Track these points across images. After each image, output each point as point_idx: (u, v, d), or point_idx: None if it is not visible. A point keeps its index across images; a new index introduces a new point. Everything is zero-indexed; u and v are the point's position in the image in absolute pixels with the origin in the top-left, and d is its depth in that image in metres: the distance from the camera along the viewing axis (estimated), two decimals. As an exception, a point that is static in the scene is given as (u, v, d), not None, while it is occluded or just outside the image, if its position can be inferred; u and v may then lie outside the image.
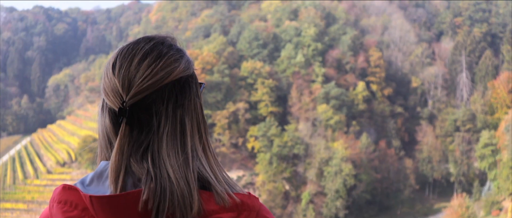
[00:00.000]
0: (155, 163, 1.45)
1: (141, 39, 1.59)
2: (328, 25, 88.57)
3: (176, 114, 1.51)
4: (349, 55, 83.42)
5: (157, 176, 1.42)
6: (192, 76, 1.59)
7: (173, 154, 1.47)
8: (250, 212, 1.48)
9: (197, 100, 1.58)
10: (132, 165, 1.47)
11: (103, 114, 1.58)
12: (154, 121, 1.49)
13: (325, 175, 68.66)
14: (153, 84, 1.48)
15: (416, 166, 76.40)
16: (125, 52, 1.55)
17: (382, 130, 79.71)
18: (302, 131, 73.76)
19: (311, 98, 77.86)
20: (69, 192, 1.47)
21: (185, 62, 1.57)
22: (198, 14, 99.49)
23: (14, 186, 77.11)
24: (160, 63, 1.50)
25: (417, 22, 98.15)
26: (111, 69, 1.54)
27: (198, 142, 1.55)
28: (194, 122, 1.55)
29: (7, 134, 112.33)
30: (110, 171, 1.46)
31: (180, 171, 1.44)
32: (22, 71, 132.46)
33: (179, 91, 1.53)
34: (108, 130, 1.56)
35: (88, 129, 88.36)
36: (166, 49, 1.55)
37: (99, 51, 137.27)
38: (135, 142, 1.49)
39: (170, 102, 1.51)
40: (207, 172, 1.51)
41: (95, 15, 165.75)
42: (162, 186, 1.41)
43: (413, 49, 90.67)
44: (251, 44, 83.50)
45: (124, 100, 1.48)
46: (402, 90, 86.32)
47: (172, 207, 1.40)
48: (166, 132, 1.49)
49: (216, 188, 1.47)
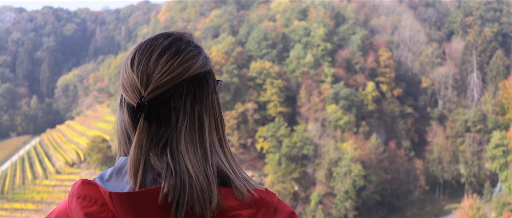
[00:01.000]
0: (174, 157, 1.46)
1: (160, 35, 1.60)
2: (338, 25, 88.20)
3: (194, 110, 1.52)
4: (358, 55, 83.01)
5: (176, 169, 1.43)
6: (210, 72, 1.60)
7: (192, 149, 1.48)
8: (268, 208, 1.48)
9: (214, 96, 1.59)
10: (151, 160, 1.47)
11: (121, 109, 1.59)
12: (172, 116, 1.50)
13: (334, 176, 68.41)
14: (171, 80, 1.49)
15: (426, 166, 75.92)
16: (144, 48, 1.55)
17: (392, 131, 79.30)
18: (311, 132, 73.47)
19: (320, 99, 77.55)
20: (88, 187, 1.47)
21: (203, 58, 1.57)
22: (207, 14, 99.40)
23: (24, 186, 77.29)
24: (178, 59, 1.51)
25: (427, 21, 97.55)
26: (130, 65, 1.54)
27: (215, 137, 1.56)
28: (212, 117, 1.56)
29: (17, 134, 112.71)
30: (129, 166, 1.47)
31: (199, 166, 1.45)
32: (32, 72, 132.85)
33: (197, 87, 1.53)
34: (126, 125, 1.57)
35: (97, 129, 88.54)
36: (184, 45, 1.56)
37: (108, 51, 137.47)
38: (154, 137, 1.49)
39: (188, 98, 1.51)
40: (226, 167, 1.51)
41: (104, 15, 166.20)
42: (182, 179, 1.41)
43: (423, 49, 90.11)
44: (260, 44, 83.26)
45: (142, 96, 1.49)
46: (412, 90, 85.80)
47: (191, 200, 1.40)
48: (184, 127, 1.49)
49: (235, 183, 1.47)
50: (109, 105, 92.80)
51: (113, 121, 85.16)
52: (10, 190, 76.47)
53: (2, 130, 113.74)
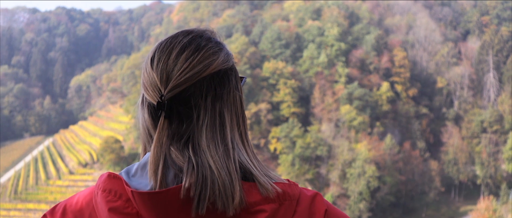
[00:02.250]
0: (196, 153, 1.46)
1: (180, 32, 1.59)
2: (352, 25, 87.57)
3: (215, 107, 1.51)
4: (373, 55, 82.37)
5: (198, 164, 1.43)
6: (232, 69, 1.59)
7: (213, 145, 1.47)
8: (291, 201, 1.47)
9: (236, 93, 1.58)
10: (172, 154, 1.47)
11: (142, 108, 1.59)
12: (193, 114, 1.50)
13: (348, 177, 67.86)
14: (191, 77, 1.48)
15: (441, 168, 75.06)
16: (164, 46, 1.55)
17: (407, 131, 78.60)
18: (325, 132, 72.94)
19: (334, 99, 77.00)
20: (114, 180, 1.49)
21: (224, 55, 1.56)
22: (220, 14, 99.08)
23: (37, 187, 77.29)
24: (198, 56, 1.50)
25: (442, 21, 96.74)
26: (150, 63, 1.54)
27: (237, 133, 1.55)
28: (233, 114, 1.55)
29: (30, 135, 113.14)
30: (150, 163, 1.47)
31: (221, 162, 1.44)
32: (45, 72, 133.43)
33: (218, 84, 1.52)
34: (147, 124, 1.57)
35: (110, 130, 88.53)
36: (205, 42, 1.55)
37: (121, 51, 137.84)
38: (175, 134, 1.50)
39: (209, 95, 1.51)
40: (248, 163, 1.51)
41: (117, 15, 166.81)
42: (204, 174, 1.41)
43: (439, 48, 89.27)
44: (274, 44, 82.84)
45: (162, 94, 1.49)
46: (427, 90, 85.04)
47: (213, 196, 1.40)
48: (205, 125, 1.49)
49: (259, 179, 1.47)
50: (122, 106, 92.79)
51: (126, 121, 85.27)
52: (23, 190, 76.55)
53: (16, 130, 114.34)
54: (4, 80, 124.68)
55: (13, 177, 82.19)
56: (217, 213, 1.41)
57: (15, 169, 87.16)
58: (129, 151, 77.44)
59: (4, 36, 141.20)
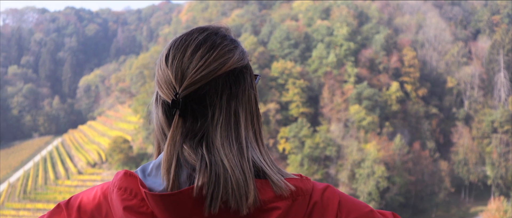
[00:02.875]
0: (210, 151, 1.44)
1: (194, 29, 1.57)
2: (361, 24, 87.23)
3: (230, 105, 1.50)
4: (382, 54, 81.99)
5: (212, 162, 1.41)
6: (247, 67, 1.58)
7: (227, 144, 1.45)
8: (304, 196, 1.46)
9: (251, 92, 1.57)
10: (185, 152, 1.45)
11: (157, 107, 1.57)
12: (208, 112, 1.48)
13: (357, 177, 67.60)
14: (207, 75, 1.47)
15: (451, 168, 74.61)
16: (178, 43, 1.53)
17: (416, 131, 78.20)
18: (334, 132, 72.68)
19: (343, 99, 76.72)
20: (130, 179, 1.47)
21: (240, 52, 1.55)
22: (228, 14, 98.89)
23: (46, 187, 77.47)
24: (213, 53, 1.48)
25: (453, 20, 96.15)
26: (164, 61, 1.53)
27: (251, 132, 1.53)
28: (248, 113, 1.54)
29: (39, 135, 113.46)
30: (163, 162, 1.45)
31: (235, 160, 1.43)
32: (54, 72, 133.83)
33: (233, 82, 1.51)
34: (161, 122, 1.55)
35: (119, 130, 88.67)
36: (220, 40, 1.53)
37: (130, 51, 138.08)
38: (189, 132, 1.48)
39: (224, 94, 1.49)
40: (261, 161, 1.49)
41: (125, 15, 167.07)
42: (217, 173, 1.40)
43: (449, 48, 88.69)
44: (282, 44, 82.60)
45: (177, 92, 1.47)
46: (437, 90, 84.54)
47: (225, 195, 1.39)
48: (220, 123, 1.47)
49: (271, 177, 1.45)
50: (130, 106, 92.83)
51: (135, 121, 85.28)
52: (32, 190, 76.73)
53: (25, 130, 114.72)
54: (14, 80, 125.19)
55: (22, 176, 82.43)
56: (230, 212, 1.40)
57: (24, 168, 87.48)
58: (137, 151, 77.48)
59: (14, 36, 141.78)
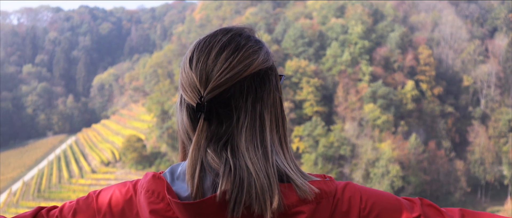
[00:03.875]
0: (235, 155, 1.43)
1: (218, 31, 1.55)
2: (376, 22, 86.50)
3: (255, 108, 1.48)
4: (397, 53, 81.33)
5: (236, 167, 1.40)
6: (272, 68, 1.55)
7: (252, 148, 1.44)
8: (328, 198, 1.45)
9: (276, 94, 1.54)
10: (208, 157, 1.44)
11: (181, 110, 1.55)
12: (233, 115, 1.47)
13: (372, 177, 67.19)
14: (232, 78, 1.45)
15: (467, 168, 73.81)
16: (202, 45, 1.51)
17: (432, 130, 77.53)
18: (348, 131, 72.24)
19: (357, 98, 76.25)
20: (158, 182, 1.47)
21: (264, 53, 1.53)
22: (242, 12, 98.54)
23: (60, 185, 77.63)
24: (238, 55, 1.47)
25: (469, 18, 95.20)
26: (188, 64, 1.51)
27: (276, 136, 1.52)
28: (273, 116, 1.52)
29: (53, 133, 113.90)
30: (187, 167, 1.45)
31: (260, 164, 1.41)
32: (68, 71, 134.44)
33: (259, 84, 1.49)
34: (186, 126, 1.54)
35: (132, 128, 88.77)
36: (244, 41, 1.51)
37: (143, 50, 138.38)
38: (213, 136, 1.47)
39: (250, 96, 1.47)
40: (285, 166, 1.47)
41: (139, 14, 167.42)
42: (241, 177, 1.39)
43: (465, 46, 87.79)
44: (296, 42, 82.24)
45: (202, 95, 1.46)
46: (453, 89, 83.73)
47: (249, 199, 1.37)
48: (245, 126, 1.46)
49: (295, 181, 1.43)
50: (144, 104, 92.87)
51: (148, 120, 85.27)
52: (46, 188, 76.94)
53: (39, 129, 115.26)
54: (28, 79, 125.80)
55: (37, 175, 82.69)
56: (254, 217, 1.39)
57: (39, 167, 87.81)
58: (151, 150, 77.48)
59: (28, 35, 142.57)
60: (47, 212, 1.62)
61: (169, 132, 74.22)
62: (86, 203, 1.56)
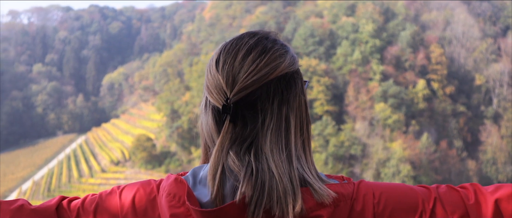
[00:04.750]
0: (258, 158, 1.43)
1: (245, 34, 1.57)
2: (387, 21, 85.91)
3: (281, 111, 1.49)
4: (408, 52, 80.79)
5: (258, 169, 1.41)
6: (297, 72, 1.58)
7: (277, 150, 1.44)
8: (346, 201, 1.46)
9: (302, 98, 1.56)
10: (230, 160, 1.44)
11: (206, 112, 1.57)
12: (258, 118, 1.48)
13: (383, 177, 66.51)
14: (258, 80, 1.46)
15: (479, 167, 73.19)
16: (229, 47, 1.53)
17: (443, 130, 76.90)
18: (359, 131, 71.88)
19: (368, 97, 75.79)
20: (180, 185, 1.47)
21: (290, 57, 1.55)
22: (252, 11, 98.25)
23: (70, 185, 77.64)
24: (265, 58, 1.48)
25: (481, 16, 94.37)
26: (215, 66, 1.52)
27: (299, 140, 1.52)
28: (298, 119, 1.53)
29: (63, 133, 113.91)
30: (209, 169, 1.46)
31: (283, 167, 1.42)
32: (78, 70, 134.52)
33: (285, 87, 1.50)
34: (210, 128, 1.55)
35: (142, 128, 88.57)
36: (271, 44, 1.53)
37: (153, 49, 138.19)
38: (237, 138, 1.48)
39: (276, 99, 1.48)
40: (305, 170, 1.48)
41: (149, 13, 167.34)
42: (262, 179, 1.39)
43: (477, 45, 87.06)
44: (307, 41, 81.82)
45: (228, 97, 1.47)
46: (465, 88, 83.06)
47: (269, 203, 1.38)
48: (270, 129, 1.46)
49: (313, 185, 1.44)
50: (154, 104, 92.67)
51: (158, 120, 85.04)
52: (56, 188, 76.97)
53: (49, 128, 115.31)
54: (38, 79, 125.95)
55: (47, 174, 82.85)
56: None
57: (49, 166, 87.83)
58: (161, 149, 77.26)
59: (38, 34, 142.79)
60: (68, 203, 1.63)
61: (178, 131, 73.99)
62: (109, 198, 1.56)
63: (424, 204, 1.48)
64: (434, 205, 1.48)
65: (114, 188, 1.58)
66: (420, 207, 1.47)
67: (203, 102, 1.57)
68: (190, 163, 73.43)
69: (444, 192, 1.50)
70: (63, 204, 1.61)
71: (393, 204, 1.46)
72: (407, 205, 1.47)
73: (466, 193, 1.50)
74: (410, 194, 1.48)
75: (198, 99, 74.17)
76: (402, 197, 1.47)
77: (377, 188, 1.47)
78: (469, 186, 1.53)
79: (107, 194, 1.57)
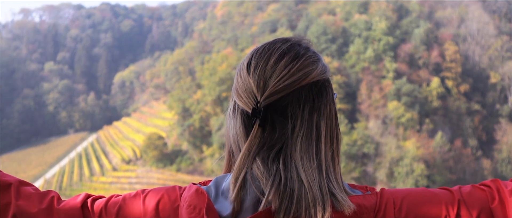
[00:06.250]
0: (287, 166, 1.41)
1: (277, 39, 1.56)
2: (400, 18, 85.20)
3: (312, 118, 1.47)
4: (422, 49, 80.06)
5: (287, 178, 1.38)
6: (329, 81, 1.56)
7: (307, 158, 1.42)
8: (369, 213, 1.44)
9: (332, 106, 1.54)
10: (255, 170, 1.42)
11: (234, 117, 1.54)
12: (288, 124, 1.45)
13: (396, 176, 66.12)
14: (290, 85, 1.44)
15: (494, 167, 72.35)
16: (261, 51, 1.52)
17: (458, 129, 76.12)
18: (372, 129, 71.37)
19: (381, 95, 75.23)
20: (201, 196, 1.45)
21: (322, 65, 1.54)
22: (264, 9, 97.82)
23: (81, 183, 77.55)
24: (297, 63, 1.47)
25: (496, 13, 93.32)
26: (246, 69, 1.51)
27: (329, 149, 1.50)
28: (328, 128, 1.51)
29: (74, 131, 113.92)
30: (233, 172, 1.45)
31: (313, 176, 1.40)
32: (89, 68, 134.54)
33: (316, 94, 1.49)
34: (238, 132, 1.52)
35: (153, 126, 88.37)
36: (304, 50, 1.52)
37: (165, 47, 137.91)
38: (266, 143, 1.45)
39: (307, 106, 1.46)
40: (331, 180, 1.46)
41: (160, 11, 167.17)
42: (291, 188, 1.37)
43: (492, 42, 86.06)
44: (319, 39, 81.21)
45: (258, 101, 1.45)
46: (480, 86, 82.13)
47: (297, 211, 1.36)
48: (300, 136, 1.44)
49: (337, 196, 1.42)
50: (165, 102, 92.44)
51: (169, 118, 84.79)
52: (68, 186, 76.98)
53: (61, 126, 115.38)
54: (50, 77, 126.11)
55: (58, 173, 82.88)
56: None
57: (60, 165, 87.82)
58: (172, 148, 77.00)
59: (50, 32, 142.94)
60: (92, 202, 1.60)
61: (190, 130, 73.70)
62: (132, 201, 1.54)
63: (448, 208, 1.45)
64: (459, 208, 1.45)
65: (138, 192, 1.54)
66: (444, 212, 1.44)
67: (231, 107, 1.54)
68: (201, 162, 73.11)
69: (468, 193, 1.48)
70: (87, 203, 1.59)
71: (415, 210, 1.43)
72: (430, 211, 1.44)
73: (491, 192, 1.48)
74: (432, 199, 1.45)
75: (209, 97, 73.91)
76: (424, 202, 1.44)
77: (397, 195, 1.46)
78: (491, 184, 1.50)
79: (131, 197, 1.53)
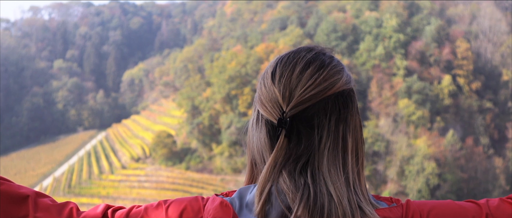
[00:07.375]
0: (315, 179, 1.38)
1: (301, 48, 1.55)
2: (411, 15, 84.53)
3: (338, 129, 1.45)
4: (433, 46, 79.44)
5: (316, 193, 1.36)
6: (353, 91, 1.53)
7: (335, 171, 1.40)
8: None
9: (357, 117, 1.52)
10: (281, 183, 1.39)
11: (258, 127, 1.51)
12: (314, 134, 1.43)
13: (407, 174, 65.69)
14: (316, 95, 1.42)
15: (506, 165, 71.65)
16: (286, 60, 1.49)
17: (469, 127, 75.49)
18: (383, 127, 70.93)
19: (392, 93, 74.73)
20: (225, 210, 1.43)
21: (346, 75, 1.51)
22: (274, 6, 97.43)
23: (90, 181, 77.51)
24: (323, 73, 1.44)
25: (509, 10, 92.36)
26: (270, 78, 1.48)
27: (355, 161, 1.48)
28: (354, 139, 1.49)
29: (83, 129, 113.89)
30: (258, 184, 1.41)
31: (342, 189, 1.38)
32: (98, 66, 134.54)
33: (342, 105, 1.46)
34: (262, 143, 1.49)
35: (162, 124, 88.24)
36: (329, 60, 1.50)
37: (174, 45, 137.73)
38: (292, 155, 1.42)
39: (333, 116, 1.44)
40: (357, 193, 1.44)
41: (170, 8, 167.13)
42: (322, 203, 1.34)
43: (505, 39, 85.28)
44: (329, 36, 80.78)
45: (284, 111, 1.42)
46: (492, 84, 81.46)
47: None
48: (327, 147, 1.42)
49: (364, 210, 1.40)
50: (174, 100, 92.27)
51: (179, 116, 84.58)
52: (77, 184, 76.96)
53: (70, 124, 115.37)
54: (59, 75, 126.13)
55: (67, 171, 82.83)
56: None
57: (69, 163, 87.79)
58: (181, 146, 76.83)
59: (59, 30, 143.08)
60: (113, 213, 1.57)
61: (199, 128, 73.46)
62: (154, 212, 1.51)
63: None
64: None
65: (160, 202, 1.50)
66: None
67: (254, 117, 1.51)
68: (210, 160, 72.90)
69: (495, 207, 1.45)
70: (108, 214, 1.57)
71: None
72: None
73: None
74: (459, 212, 1.42)
75: (219, 95, 73.61)
76: (451, 215, 1.42)
77: (424, 207, 1.43)
78: None
79: (153, 208, 1.49)
